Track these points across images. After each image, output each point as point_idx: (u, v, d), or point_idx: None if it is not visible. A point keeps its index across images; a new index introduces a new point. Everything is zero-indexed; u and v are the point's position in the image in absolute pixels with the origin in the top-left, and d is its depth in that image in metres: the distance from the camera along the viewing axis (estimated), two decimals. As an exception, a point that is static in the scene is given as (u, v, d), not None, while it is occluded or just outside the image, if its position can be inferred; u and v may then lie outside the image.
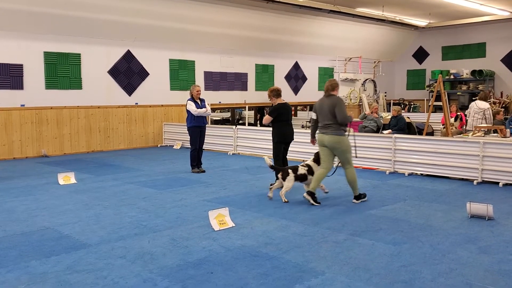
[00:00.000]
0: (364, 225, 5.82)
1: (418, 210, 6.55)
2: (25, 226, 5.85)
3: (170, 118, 15.00)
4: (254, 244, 5.09)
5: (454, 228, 5.67)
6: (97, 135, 13.49)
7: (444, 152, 8.93)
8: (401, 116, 12.69)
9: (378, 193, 7.71)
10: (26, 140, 12.24)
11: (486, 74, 19.69)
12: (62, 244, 5.13)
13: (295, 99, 18.50)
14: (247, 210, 6.55)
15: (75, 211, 6.60)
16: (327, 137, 6.98)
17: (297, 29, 17.32)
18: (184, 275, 4.23)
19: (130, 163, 11.07)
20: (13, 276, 4.25)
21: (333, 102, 6.92)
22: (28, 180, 8.96)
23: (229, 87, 16.43)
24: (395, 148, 9.58)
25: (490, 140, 8.83)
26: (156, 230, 5.64)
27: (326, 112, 6.94)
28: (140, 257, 4.70)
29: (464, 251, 4.85)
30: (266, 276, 4.21)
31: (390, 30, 20.37)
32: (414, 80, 22.50)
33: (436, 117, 15.89)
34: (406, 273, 4.27)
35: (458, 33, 20.82)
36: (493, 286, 3.97)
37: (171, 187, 8.25)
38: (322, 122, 7.07)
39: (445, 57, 21.53)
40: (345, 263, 4.51)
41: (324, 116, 6.99)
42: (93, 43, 13.20)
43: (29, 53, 12.13)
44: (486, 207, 6.04)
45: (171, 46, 14.78)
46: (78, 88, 13.02)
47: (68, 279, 4.17)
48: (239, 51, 16.55)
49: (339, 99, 7.00)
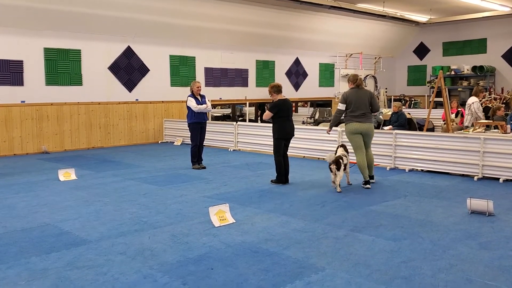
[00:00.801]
0: (365, 221, 5.82)
1: (418, 206, 6.55)
2: (26, 223, 5.85)
3: (171, 114, 14.99)
4: (254, 240, 5.09)
5: (454, 224, 5.67)
6: (98, 132, 13.49)
7: (445, 148, 8.92)
8: (401, 112, 12.67)
9: (378, 189, 7.71)
10: (26, 136, 12.24)
11: (487, 70, 19.65)
12: (63, 240, 5.14)
13: (295, 95, 18.47)
14: (247, 206, 6.55)
15: (76, 207, 6.60)
16: (366, 125, 7.77)
17: (298, 25, 17.28)
18: (185, 271, 4.24)
19: (130, 160, 11.07)
20: (14, 272, 4.25)
21: (369, 93, 7.90)
22: (28, 177, 8.96)
23: (229, 83, 16.41)
24: (396, 144, 9.57)
25: (490, 136, 8.82)
26: (157, 226, 5.65)
27: (365, 102, 7.75)
28: (140, 253, 4.71)
29: (465, 247, 4.85)
30: (267, 272, 4.21)
31: (391, 26, 20.32)
32: (415, 76, 22.46)
33: (437, 113, 15.86)
34: (406, 269, 4.27)
35: (459, 29, 20.77)
36: (493, 282, 3.96)
37: (172, 183, 8.25)
38: (358, 111, 7.73)
39: (446, 53, 21.48)
40: (346, 259, 4.51)
41: (363, 106, 7.74)
42: (93, 39, 13.18)
43: (29, 49, 12.11)
44: (487, 203, 6.04)
45: (171, 42, 14.76)
46: (79, 84, 13.01)
47: (68, 275, 4.17)
48: (239, 47, 16.53)
49: (371, 92, 8.15)
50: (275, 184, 8.06)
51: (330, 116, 16.41)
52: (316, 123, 15.26)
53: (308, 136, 10.94)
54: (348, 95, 7.81)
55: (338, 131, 10.42)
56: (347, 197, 7.13)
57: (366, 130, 7.79)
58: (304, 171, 9.32)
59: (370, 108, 7.83)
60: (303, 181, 8.32)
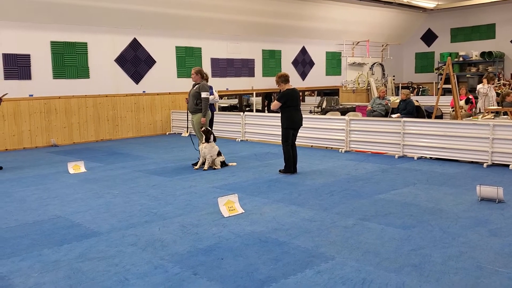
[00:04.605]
0: (374, 209, 5.82)
1: (427, 194, 6.53)
2: (37, 215, 5.91)
3: (178, 105, 15.01)
4: (263, 230, 5.11)
5: (464, 211, 5.65)
6: (106, 124, 13.55)
7: (454, 135, 8.87)
8: (410, 100, 12.60)
9: (387, 177, 7.69)
10: (35, 130, 12.32)
11: (496, 55, 19.44)
12: (74, 233, 5.18)
13: (302, 85, 18.40)
14: (256, 196, 6.56)
15: (86, 199, 6.65)
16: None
17: (304, 14, 17.17)
18: (195, 262, 4.27)
19: (139, 151, 11.12)
20: (26, 264, 4.31)
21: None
22: (38, 170, 9.03)
23: (236, 74, 16.37)
24: (404, 132, 9.53)
25: (500, 122, 8.76)
26: (166, 217, 5.68)
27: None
28: (150, 244, 4.74)
29: (475, 234, 4.83)
30: (276, 261, 4.23)
31: (397, 12, 20.13)
32: (423, 63, 22.28)
33: (445, 100, 15.75)
34: (416, 256, 4.27)
35: (467, 14, 20.54)
36: (504, 269, 3.96)
37: (180, 174, 8.28)
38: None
39: (454, 39, 21.27)
40: (355, 248, 4.51)
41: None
42: (100, 31, 13.18)
43: (36, 43, 12.15)
44: (496, 189, 6.01)
45: (177, 33, 14.73)
46: (86, 77, 13.05)
47: (80, 266, 4.22)
48: (245, 37, 16.47)
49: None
50: (284, 174, 8.07)
51: (338, 105, 16.36)
52: (324, 112, 15.21)
53: (316, 125, 10.92)
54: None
55: (346, 120, 10.39)
56: (355, 186, 7.12)
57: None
58: (312, 161, 9.32)
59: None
60: (311, 171, 8.32)
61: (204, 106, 8.70)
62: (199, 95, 8.68)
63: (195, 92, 8.76)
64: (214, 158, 8.64)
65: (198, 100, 8.72)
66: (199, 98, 8.69)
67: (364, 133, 10.14)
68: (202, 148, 8.63)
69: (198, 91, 8.70)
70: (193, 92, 8.80)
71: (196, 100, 8.73)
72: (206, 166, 8.57)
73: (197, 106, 8.77)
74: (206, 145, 8.56)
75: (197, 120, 8.83)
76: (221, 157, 8.75)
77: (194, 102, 8.77)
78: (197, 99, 8.73)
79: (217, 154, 8.68)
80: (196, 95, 8.73)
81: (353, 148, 10.36)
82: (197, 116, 8.82)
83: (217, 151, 8.68)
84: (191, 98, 8.83)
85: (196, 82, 8.82)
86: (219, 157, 8.72)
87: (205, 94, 8.68)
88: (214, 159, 8.64)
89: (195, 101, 8.75)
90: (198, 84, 8.76)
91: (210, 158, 8.60)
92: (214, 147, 8.63)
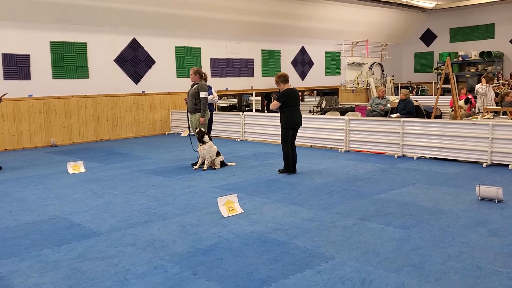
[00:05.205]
0: (373, 209, 5.82)
1: (427, 194, 6.54)
2: (36, 215, 5.90)
3: (177, 105, 15.00)
4: (263, 230, 5.11)
5: (463, 211, 5.66)
6: (105, 124, 13.54)
7: (453, 135, 8.88)
8: (409, 100, 12.60)
9: (386, 177, 7.69)
10: (34, 130, 12.31)
11: (495, 55, 19.45)
12: (73, 233, 5.18)
13: (302, 84, 18.40)
14: (255, 196, 6.56)
15: (85, 199, 6.65)
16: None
17: (303, 14, 17.17)
18: (195, 262, 4.27)
19: (138, 151, 11.12)
20: (26, 264, 4.30)
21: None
22: (38, 170, 9.03)
23: (235, 74, 16.37)
24: (404, 132, 9.54)
25: (499, 122, 8.76)
26: (166, 217, 5.68)
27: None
28: (150, 244, 4.74)
29: (474, 234, 4.84)
30: (276, 261, 4.23)
31: (397, 12, 20.14)
32: (422, 63, 22.29)
33: (445, 100, 15.76)
34: (416, 256, 4.27)
35: (466, 14, 20.54)
36: (503, 269, 3.96)
37: (180, 174, 8.28)
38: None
39: (453, 39, 21.28)
40: (355, 248, 4.51)
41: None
42: (99, 31, 13.18)
43: (36, 43, 12.14)
44: (496, 189, 6.01)
45: (176, 33, 14.73)
46: (85, 77, 13.04)
47: (80, 267, 4.21)
48: (245, 37, 16.46)
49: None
50: (283, 174, 8.07)
51: (337, 104, 16.37)
52: (323, 112, 15.22)
53: (315, 125, 10.92)
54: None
55: (345, 120, 10.40)
56: (355, 185, 7.12)
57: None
58: (312, 160, 9.32)
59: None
60: (311, 170, 8.32)
61: (203, 106, 8.71)
62: (198, 95, 8.70)
63: (194, 92, 8.76)
64: (214, 158, 8.64)
65: (197, 100, 8.73)
66: (198, 98, 8.70)
67: (364, 133, 10.15)
68: (200, 149, 8.62)
69: (197, 91, 8.71)
70: (192, 92, 8.81)
71: (195, 100, 8.74)
72: (205, 166, 8.58)
73: (196, 106, 8.78)
74: (204, 146, 8.56)
75: (196, 120, 8.83)
76: (220, 157, 8.75)
77: (193, 102, 8.78)
78: (196, 99, 8.74)
79: (216, 154, 8.68)
80: (195, 95, 8.74)
81: (352, 148, 10.36)
82: (196, 116, 8.83)
83: (216, 151, 8.68)
84: (190, 98, 8.84)
85: (195, 82, 8.83)
86: (219, 157, 8.72)
87: (204, 94, 8.70)
88: (214, 159, 8.64)
89: (194, 101, 8.75)
90: (197, 84, 8.77)
91: (209, 158, 8.61)
92: (212, 147, 8.63)
